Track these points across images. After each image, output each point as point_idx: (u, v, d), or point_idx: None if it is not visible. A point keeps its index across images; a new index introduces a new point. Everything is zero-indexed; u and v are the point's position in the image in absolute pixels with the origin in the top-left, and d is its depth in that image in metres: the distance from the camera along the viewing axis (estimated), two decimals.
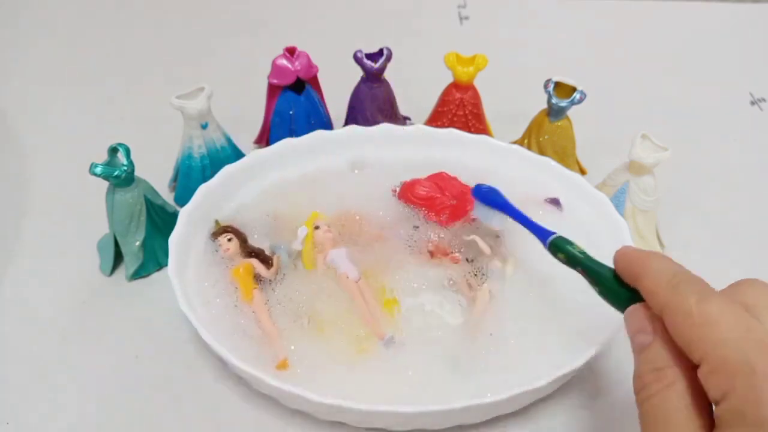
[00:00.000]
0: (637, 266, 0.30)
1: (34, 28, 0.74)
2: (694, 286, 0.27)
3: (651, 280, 0.28)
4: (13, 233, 0.49)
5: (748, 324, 0.25)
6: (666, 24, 0.77)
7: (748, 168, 0.58)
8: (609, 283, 0.32)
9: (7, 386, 0.40)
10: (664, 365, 0.27)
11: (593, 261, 0.33)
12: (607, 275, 0.32)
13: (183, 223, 0.42)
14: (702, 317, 0.25)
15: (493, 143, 0.50)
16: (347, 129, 0.51)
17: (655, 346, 0.27)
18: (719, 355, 0.24)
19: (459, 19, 0.77)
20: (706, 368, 0.25)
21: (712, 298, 0.26)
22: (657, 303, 0.28)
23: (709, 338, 0.25)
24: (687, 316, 0.26)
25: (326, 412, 0.36)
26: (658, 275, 0.28)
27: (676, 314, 0.26)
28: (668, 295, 0.27)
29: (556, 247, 0.35)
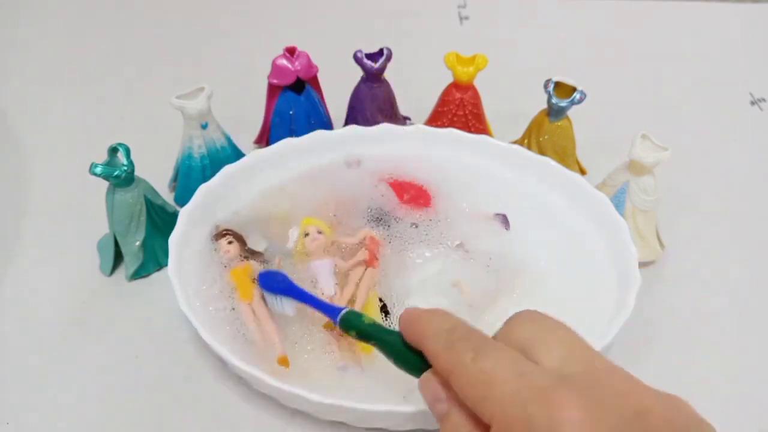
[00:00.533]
0: (418, 327, 0.29)
1: (34, 28, 0.74)
2: (469, 342, 0.27)
3: (429, 342, 0.28)
4: (13, 233, 0.49)
5: (521, 370, 0.25)
6: (666, 24, 0.77)
7: (748, 168, 0.58)
8: (400, 352, 0.30)
9: (7, 386, 0.40)
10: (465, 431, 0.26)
11: (383, 330, 0.32)
12: (397, 343, 0.30)
13: (183, 223, 0.42)
14: (479, 376, 0.25)
15: (493, 143, 0.50)
16: (347, 129, 0.50)
17: (452, 414, 0.27)
18: (501, 413, 0.24)
19: (459, 19, 0.77)
20: (495, 429, 0.24)
21: (486, 353, 0.26)
22: (440, 367, 0.27)
23: (490, 397, 0.25)
24: (467, 377, 0.26)
25: (326, 412, 0.36)
26: (437, 335, 0.28)
27: (457, 376, 0.26)
28: (447, 356, 0.27)
29: (347, 323, 0.34)
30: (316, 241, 0.43)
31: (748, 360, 0.43)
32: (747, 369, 0.42)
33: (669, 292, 0.46)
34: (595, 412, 0.23)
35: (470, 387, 0.25)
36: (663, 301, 0.45)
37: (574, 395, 0.23)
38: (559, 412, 0.23)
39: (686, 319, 0.45)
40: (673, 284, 0.47)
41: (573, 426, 0.22)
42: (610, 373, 0.26)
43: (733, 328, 0.44)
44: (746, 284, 0.47)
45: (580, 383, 0.24)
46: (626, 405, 0.24)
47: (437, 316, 0.29)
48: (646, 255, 0.46)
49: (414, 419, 0.35)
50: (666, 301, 0.46)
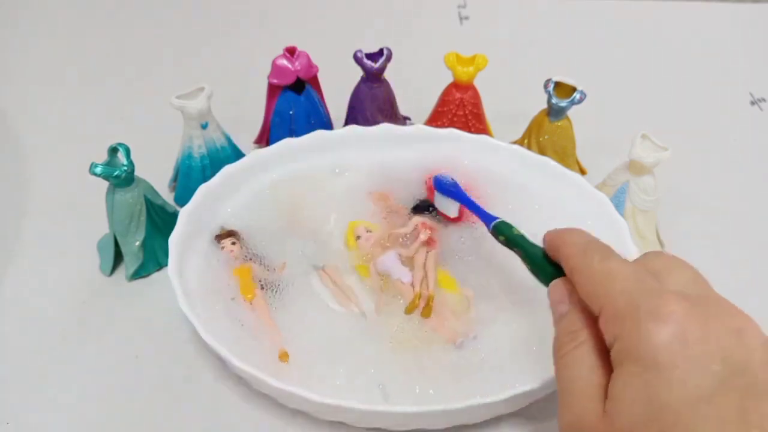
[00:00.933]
0: (559, 239, 0.32)
1: (34, 28, 0.74)
2: (600, 250, 0.30)
3: (567, 247, 0.31)
4: (13, 233, 0.49)
5: (640, 276, 0.27)
6: (666, 24, 0.77)
7: (748, 168, 0.58)
8: (538, 260, 0.34)
9: (7, 386, 0.40)
10: (577, 328, 0.29)
11: (528, 242, 0.36)
12: (538, 253, 0.34)
13: (183, 223, 0.42)
14: (602, 273, 0.28)
15: (493, 143, 0.50)
16: (347, 129, 0.50)
17: (571, 313, 0.30)
18: (613, 304, 0.27)
19: (459, 19, 0.77)
20: (603, 318, 0.27)
21: (612, 258, 0.29)
22: (569, 268, 0.30)
23: (606, 290, 0.27)
24: (590, 273, 0.29)
25: (326, 412, 0.36)
26: (573, 244, 0.31)
27: (582, 273, 0.29)
28: (578, 258, 0.30)
29: (498, 230, 0.38)
30: (370, 239, 0.44)
31: None
32: None
33: None
34: (699, 315, 0.25)
35: (591, 282, 0.28)
36: None
37: (682, 298, 0.25)
38: (666, 305, 0.25)
39: None
40: None
41: (675, 316, 0.25)
42: (723, 301, 0.27)
43: None
44: (746, 284, 0.47)
45: (692, 297, 0.26)
46: (729, 321, 0.26)
47: (578, 231, 0.33)
48: None
49: (414, 419, 0.35)
50: None
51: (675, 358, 0.24)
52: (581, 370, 0.27)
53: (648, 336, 0.24)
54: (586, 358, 0.28)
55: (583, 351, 0.28)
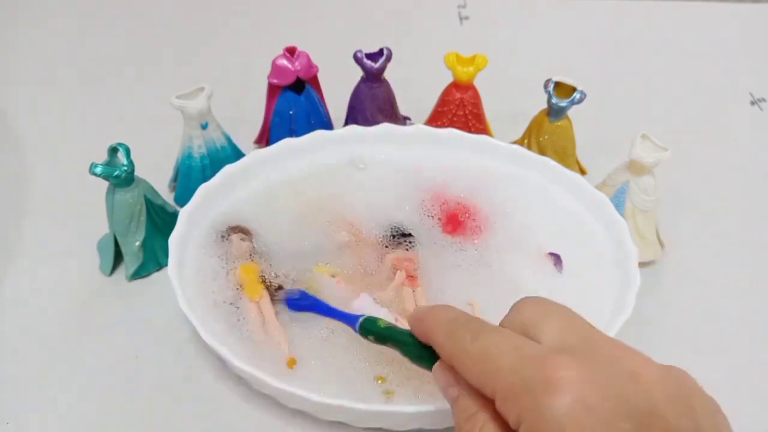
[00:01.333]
0: (425, 322, 0.30)
1: (34, 29, 0.74)
2: (469, 327, 0.28)
3: (435, 333, 0.29)
4: (13, 233, 0.49)
5: (517, 344, 0.26)
6: (666, 24, 0.77)
7: (748, 168, 0.58)
8: (415, 349, 0.32)
9: (7, 386, 0.40)
10: (474, 411, 0.27)
11: (398, 331, 0.33)
12: (411, 341, 0.32)
13: (183, 223, 0.42)
14: (478, 354, 0.27)
15: (493, 143, 0.50)
16: (347, 129, 0.50)
17: (462, 396, 0.28)
18: (503, 385, 0.25)
19: (459, 19, 0.77)
20: (498, 400, 0.25)
21: (483, 334, 0.27)
22: (445, 354, 0.29)
23: (489, 370, 0.26)
24: (467, 358, 0.27)
25: (326, 412, 0.36)
26: (440, 327, 0.29)
27: (460, 359, 0.28)
28: (449, 343, 0.28)
29: (364, 330, 0.35)
30: (339, 284, 0.42)
31: (749, 360, 0.43)
32: (747, 369, 0.42)
33: (669, 292, 0.46)
34: (590, 372, 0.24)
35: (471, 365, 0.27)
36: (663, 301, 0.45)
37: (568, 358, 0.24)
38: (555, 373, 0.24)
39: (686, 319, 0.45)
40: (673, 284, 0.47)
41: (569, 383, 0.23)
42: (607, 342, 0.26)
43: (733, 327, 0.44)
44: (746, 284, 0.47)
45: (575, 350, 0.25)
46: (621, 367, 0.25)
47: (441, 309, 0.31)
48: (646, 255, 0.46)
49: (414, 419, 0.35)
50: (666, 301, 0.46)
51: (582, 426, 0.23)
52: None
53: (549, 411, 0.23)
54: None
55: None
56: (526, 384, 0.24)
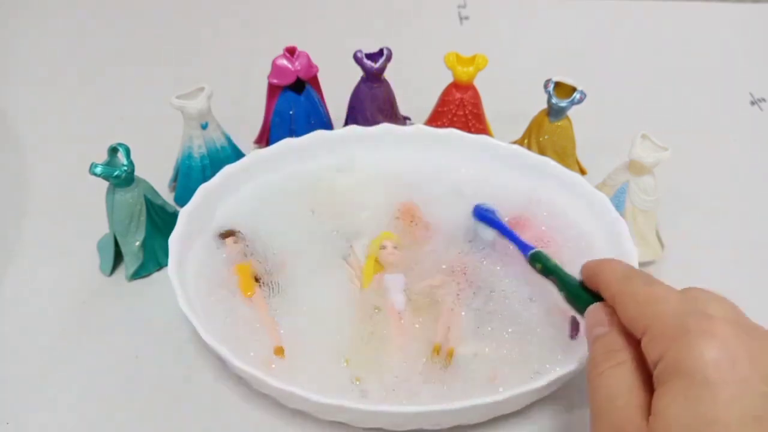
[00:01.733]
0: (598, 267, 0.33)
1: (34, 28, 0.74)
2: (643, 276, 0.31)
3: (606, 274, 0.32)
4: (13, 233, 0.49)
5: (687, 300, 0.28)
6: (666, 24, 0.77)
7: (748, 168, 0.58)
8: (574, 288, 0.35)
9: (7, 386, 0.40)
10: (617, 348, 0.29)
11: (563, 271, 0.37)
12: (574, 282, 0.35)
13: (183, 223, 0.42)
14: (647, 296, 0.29)
15: (493, 143, 0.50)
16: (347, 129, 0.50)
17: (611, 333, 0.30)
18: (661, 324, 0.27)
19: (459, 19, 0.77)
20: (647, 338, 0.27)
21: (657, 283, 0.30)
22: (610, 293, 0.31)
23: (652, 312, 0.28)
24: (634, 297, 0.29)
25: (326, 412, 0.36)
26: (613, 271, 0.32)
27: (626, 296, 0.29)
28: (620, 284, 0.30)
29: (534, 258, 0.39)
30: (392, 256, 0.43)
31: None
32: None
33: None
34: (745, 339, 0.25)
35: (635, 305, 0.29)
36: None
37: (729, 323, 0.26)
38: (714, 327, 0.25)
39: None
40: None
41: (722, 338, 0.25)
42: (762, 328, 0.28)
43: None
44: (746, 284, 0.47)
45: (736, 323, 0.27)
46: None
47: (618, 261, 0.34)
48: (646, 255, 0.46)
49: (414, 419, 0.35)
50: None
51: (725, 376, 0.24)
52: (620, 388, 0.28)
53: (698, 353, 0.25)
54: (626, 376, 0.28)
55: (624, 370, 0.28)
56: (684, 327, 0.26)
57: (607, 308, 0.31)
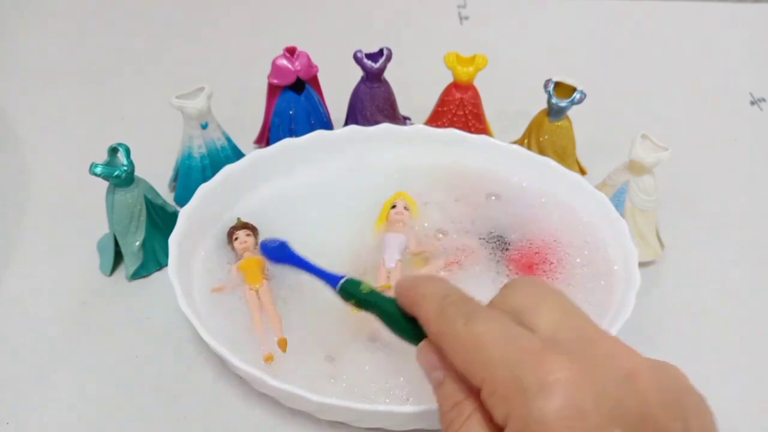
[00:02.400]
0: (413, 293, 0.29)
1: (34, 28, 0.74)
2: (462, 308, 0.27)
3: (424, 308, 0.28)
4: (13, 233, 0.49)
5: (511, 334, 0.25)
6: (666, 24, 0.77)
7: (748, 168, 0.58)
8: (399, 320, 0.30)
9: (7, 386, 0.40)
10: (460, 399, 0.26)
11: (381, 298, 0.31)
12: (396, 311, 0.30)
13: (183, 223, 0.42)
14: (469, 340, 0.25)
15: (493, 143, 0.50)
16: (347, 129, 0.50)
17: (448, 380, 0.27)
18: (491, 376, 0.24)
19: (459, 19, 0.77)
20: (484, 392, 0.25)
21: (478, 317, 0.26)
22: (432, 332, 0.27)
23: (480, 360, 0.25)
24: (457, 342, 0.26)
25: (326, 412, 0.36)
26: (429, 302, 0.28)
27: (448, 341, 0.26)
28: (439, 322, 0.27)
29: (346, 291, 0.34)
30: (399, 215, 0.45)
31: (749, 360, 0.43)
32: (747, 369, 0.42)
33: (669, 292, 0.46)
34: (584, 373, 0.23)
35: (461, 351, 0.26)
36: (663, 301, 0.45)
37: (563, 357, 0.23)
38: (548, 374, 0.23)
39: (686, 319, 0.45)
40: (673, 284, 0.47)
41: (561, 386, 0.22)
42: (602, 338, 0.26)
43: (733, 327, 0.44)
44: (746, 284, 0.47)
45: (570, 347, 0.24)
46: (616, 367, 0.24)
47: (432, 282, 0.29)
48: (646, 255, 0.46)
49: (414, 419, 0.35)
50: (666, 301, 0.46)
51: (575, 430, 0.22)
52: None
53: (540, 415, 0.22)
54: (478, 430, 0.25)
55: (473, 425, 0.25)
56: (518, 382, 0.23)
57: (436, 347, 0.27)
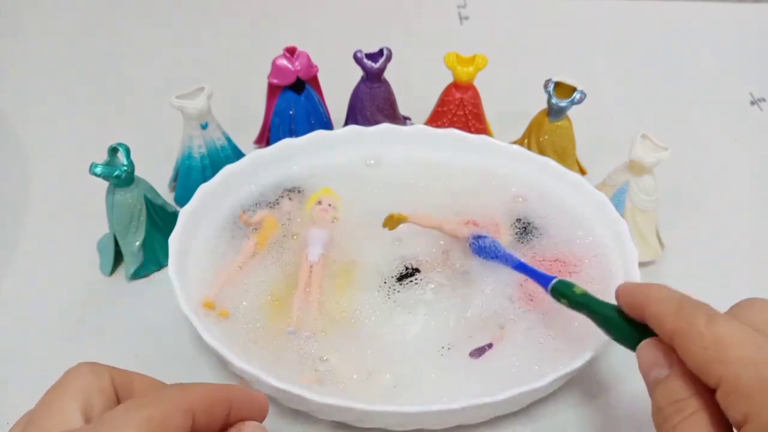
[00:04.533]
0: (640, 297, 0.30)
1: (34, 28, 0.74)
2: (701, 309, 0.27)
3: (656, 307, 0.28)
4: (13, 233, 0.49)
5: (758, 341, 0.25)
6: (666, 24, 0.77)
7: (748, 168, 0.58)
8: (615, 321, 0.31)
9: (7, 386, 0.40)
10: (684, 396, 0.26)
11: (595, 301, 0.33)
12: (612, 314, 0.31)
13: (183, 223, 0.42)
14: (713, 339, 0.25)
15: (493, 143, 0.50)
16: (347, 129, 0.50)
17: (672, 377, 0.27)
18: (734, 376, 0.24)
19: (459, 19, 0.77)
20: (723, 391, 0.25)
21: (720, 320, 0.26)
22: (665, 330, 0.28)
23: (723, 359, 0.25)
24: (698, 340, 0.26)
25: (326, 412, 0.36)
26: (663, 302, 0.28)
27: (687, 338, 0.26)
28: (676, 320, 0.27)
29: (557, 292, 0.35)
30: (324, 212, 0.45)
31: None
32: None
33: None
34: None
35: (701, 349, 0.25)
36: None
37: None
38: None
39: None
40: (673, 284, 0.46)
41: None
42: None
43: None
44: (746, 284, 0.47)
45: None
46: None
47: (660, 287, 0.30)
48: (646, 255, 0.46)
49: (414, 419, 0.35)
50: None
51: None
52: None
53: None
54: (703, 428, 0.25)
55: (698, 421, 0.25)
56: (764, 383, 0.23)
57: (663, 346, 0.28)
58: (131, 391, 0.28)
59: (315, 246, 0.43)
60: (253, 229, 0.45)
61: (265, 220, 0.45)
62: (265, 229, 0.45)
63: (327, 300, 0.41)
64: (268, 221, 0.45)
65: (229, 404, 0.28)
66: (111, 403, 0.27)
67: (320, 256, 0.43)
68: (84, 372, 0.27)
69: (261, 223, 0.45)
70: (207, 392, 0.27)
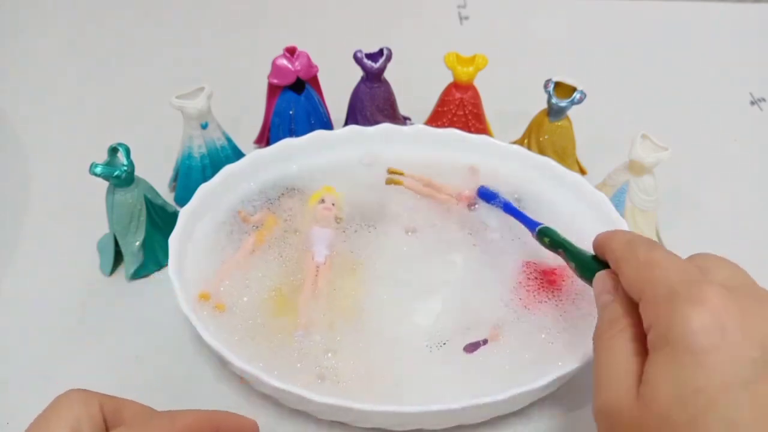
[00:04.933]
0: (606, 237, 0.33)
1: (34, 28, 0.74)
2: (646, 243, 0.31)
3: (613, 242, 0.32)
4: (13, 233, 0.49)
5: (683, 266, 0.28)
6: (666, 24, 0.77)
7: (748, 168, 0.58)
8: (583, 260, 0.36)
9: (7, 386, 0.40)
10: (617, 316, 0.30)
11: (573, 245, 0.38)
12: (583, 254, 0.36)
13: (183, 223, 0.42)
14: (645, 261, 0.29)
15: (493, 143, 0.50)
16: (347, 129, 0.50)
17: (614, 302, 0.30)
18: (653, 290, 0.27)
19: (459, 19, 0.77)
20: (642, 304, 0.28)
21: (657, 249, 0.30)
22: (614, 259, 0.31)
23: (648, 278, 0.28)
24: (634, 262, 0.29)
25: (326, 412, 0.36)
26: (619, 239, 0.32)
27: (627, 262, 0.30)
28: (623, 249, 0.31)
29: (542, 233, 0.40)
30: (326, 210, 0.45)
31: None
32: None
33: None
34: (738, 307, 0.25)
35: (635, 270, 0.29)
36: None
37: (722, 290, 0.26)
38: (702, 293, 0.25)
39: None
40: None
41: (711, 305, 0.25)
42: (762, 290, 0.28)
43: None
44: None
45: (732, 288, 0.26)
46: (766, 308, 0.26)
47: (627, 232, 0.35)
48: None
49: (414, 419, 0.35)
50: None
51: (711, 343, 0.24)
52: (619, 355, 0.28)
53: (683, 321, 0.25)
54: (624, 344, 0.28)
55: (623, 337, 0.29)
56: (673, 294, 0.26)
57: (613, 275, 0.32)
58: (121, 418, 0.29)
59: (320, 246, 0.43)
60: (253, 227, 0.45)
61: (265, 219, 0.45)
62: (265, 228, 0.45)
63: (333, 300, 0.41)
64: (269, 220, 0.45)
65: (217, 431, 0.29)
66: (99, 430, 0.28)
67: (326, 257, 0.43)
68: (74, 399, 0.28)
69: (261, 222, 0.45)
70: (195, 420, 0.29)
